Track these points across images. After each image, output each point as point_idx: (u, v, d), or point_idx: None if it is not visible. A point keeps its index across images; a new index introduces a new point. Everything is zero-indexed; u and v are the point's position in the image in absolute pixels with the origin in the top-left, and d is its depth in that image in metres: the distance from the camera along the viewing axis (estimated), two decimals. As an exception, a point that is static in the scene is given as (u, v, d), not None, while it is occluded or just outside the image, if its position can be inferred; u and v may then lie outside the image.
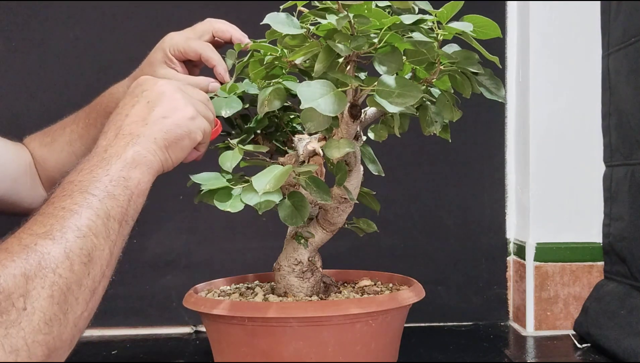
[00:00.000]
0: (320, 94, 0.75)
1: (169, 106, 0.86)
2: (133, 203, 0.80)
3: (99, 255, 0.73)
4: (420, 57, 0.81)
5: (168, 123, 0.85)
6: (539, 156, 1.56)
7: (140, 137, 0.83)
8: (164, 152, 0.85)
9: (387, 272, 1.16)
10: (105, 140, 0.84)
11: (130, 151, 0.81)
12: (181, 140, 0.86)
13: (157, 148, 0.84)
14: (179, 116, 0.86)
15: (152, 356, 1.40)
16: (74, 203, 0.73)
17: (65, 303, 0.68)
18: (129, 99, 0.88)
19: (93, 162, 0.80)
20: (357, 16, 0.76)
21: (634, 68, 1.38)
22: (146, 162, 0.82)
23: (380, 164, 0.96)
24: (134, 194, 0.80)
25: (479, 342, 1.49)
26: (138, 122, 0.84)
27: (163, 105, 0.86)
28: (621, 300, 1.37)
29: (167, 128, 0.85)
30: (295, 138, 1.01)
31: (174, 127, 0.85)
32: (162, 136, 0.84)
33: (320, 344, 0.88)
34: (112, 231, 0.76)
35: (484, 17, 0.79)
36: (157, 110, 0.85)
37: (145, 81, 0.89)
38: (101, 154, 0.81)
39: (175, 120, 0.86)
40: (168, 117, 0.85)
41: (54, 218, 0.71)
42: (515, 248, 1.64)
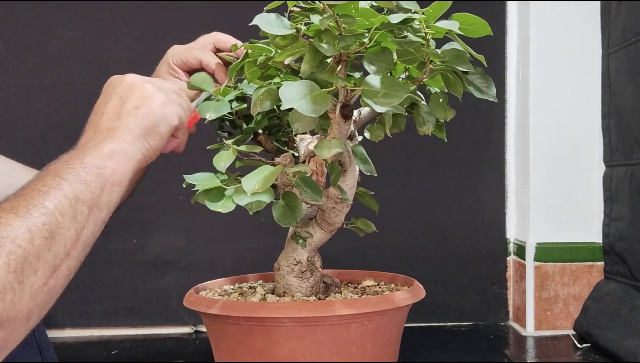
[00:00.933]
0: (303, 94, 0.75)
1: (140, 96, 0.88)
2: (107, 191, 0.81)
3: (64, 233, 0.75)
4: (409, 56, 0.81)
5: (141, 112, 0.87)
6: (539, 156, 1.55)
7: (116, 130, 0.85)
8: (142, 141, 0.87)
9: (390, 272, 1.15)
10: (85, 138, 0.86)
11: (107, 144, 0.83)
12: (157, 126, 0.88)
13: (134, 137, 0.86)
14: (150, 104, 0.88)
15: (152, 356, 1.41)
16: (44, 184, 0.76)
17: (22, 274, 0.69)
18: (102, 99, 0.90)
19: (71, 155, 0.82)
20: (344, 16, 0.76)
21: (634, 68, 1.38)
22: (124, 152, 0.84)
23: (373, 165, 0.96)
24: (108, 182, 0.81)
25: (479, 342, 1.48)
26: (112, 118, 0.86)
27: (134, 96, 0.88)
28: (621, 300, 1.37)
29: (140, 117, 0.87)
30: (297, 138, 1.00)
31: (147, 114, 0.87)
32: (137, 125, 0.86)
33: (315, 344, 0.88)
34: (80, 214, 0.77)
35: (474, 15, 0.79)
36: (128, 102, 0.87)
37: (115, 79, 0.91)
38: (79, 149, 0.83)
39: (148, 108, 0.88)
40: (140, 106, 0.87)
41: (22, 197, 0.74)
42: (515, 248, 1.64)
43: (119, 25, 1.61)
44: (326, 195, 0.93)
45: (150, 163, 1.20)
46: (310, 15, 0.77)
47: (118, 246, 1.62)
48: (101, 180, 0.80)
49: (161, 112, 0.88)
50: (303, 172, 0.88)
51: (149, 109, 0.88)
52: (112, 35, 1.61)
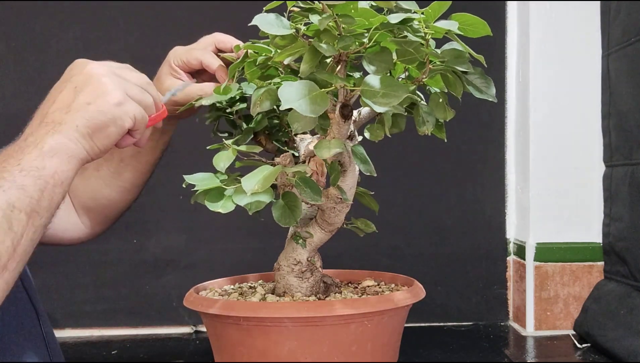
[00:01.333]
0: (302, 95, 0.75)
1: (95, 91, 0.82)
2: (48, 193, 0.77)
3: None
4: (409, 56, 0.81)
5: (91, 110, 0.82)
6: (539, 156, 1.55)
7: (62, 125, 0.80)
8: (87, 140, 0.82)
9: (390, 272, 1.15)
10: (30, 128, 0.82)
11: (49, 139, 0.79)
12: (105, 127, 0.83)
13: (80, 135, 0.81)
14: (103, 102, 0.82)
15: (152, 356, 1.41)
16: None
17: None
18: (58, 84, 0.85)
19: (9, 151, 0.78)
20: (343, 16, 0.76)
21: (634, 68, 1.38)
22: (66, 150, 0.80)
23: (372, 165, 0.96)
24: (48, 184, 0.77)
25: (479, 342, 1.49)
26: (62, 109, 0.82)
27: (88, 90, 0.83)
28: (621, 300, 1.37)
29: (89, 115, 0.81)
30: (297, 138, 1.00)
31: (97, 113, 0.82)
32: (84, 124, 0.81)
33: (315, 344, 0.88)
34: (16, 223, 0.73)
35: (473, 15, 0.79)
36: (81, 95, 0.82)
37: (76, 65, 0.86)
38: (20, 143, 0.79)
39: (99, 106, 0.82)
40: (91, 103, 0.82)
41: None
42: (515, 248, 1.64)
43: (119, 25, 1.61)
44: (326, 195, 0.93)
45: (156, 165, 1.21)
46: (310, 15, 0.77)
47: (118, 246, 1.62)
48: (40, 183, 0.76)
49: (113, 112, 0.83)
50: (303, 172, 0.88)
51: (100, 108, 0.82)
52: (112, 35, 1.61)
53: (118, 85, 0.84)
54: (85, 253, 1.59)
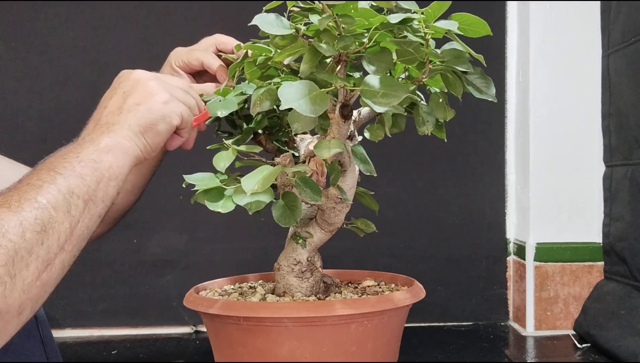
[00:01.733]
0: (302, 94, 0.75)
1: (143, 93, 0.88)
2: (103, 185, 0.81)
3: (57, 227, 0.75)
4: (408, 56, 0.81)
5: (141, 109, 0.87)
6: (539, 156, 1.55)
7: (115, 125, 0.85)
8: (139, 137, 0.86)
9: (390, 272, 1.15)
10: (85, 131, 0.86)
11: (104, 138, 0.83)
12: (156, 124, 0.88)
13: (133, 133, 0.85)
14: (152, 101, 0.87)
15: (152, 356, 1.41)
16: (38, 178, 0.76)
17: (13, 267, 0.69)
18: (108, 92, 0.90)
19: (68, 148, 0.82)
20: (342, 16, 0.76)
21: (634, 68, 1.38)
22: (121, 148, 0.84)
23: (372, 164, 0.96)
24: (104, 176, 0.81)
25: (479, 342, 1.48)
26: (114, 112, 0.86)
27: (137, 92, 0.88)
28: (621, 300, 1.37)
29: (140, 114, 0.86)
30: (297, 138, 1.00)
31: (147, 112, 0.87)
32: (136, 122, 0.86)
33: (315, 344, 0.88)
34: (74, 208, 0.77)
35: (473, 15, 0.79)
36: (130, 98, 0.87)
37: (123, 73, 0.91)
38: (77, 143, 0.83)
39: (149, 105, 0.87)
40: (141, 103, 0.87)
41: (16, 191, 0.74)
42: (515, 248, 1.64)
43: (119, 25, 1.61)
44: (326, 195, 0.93)
45: (158, 168, 1.21)
46: (309, 15, 0.77)
47: (118, 246, 1.62)
48: (97, 174, 0.80)
49: (162, 110, 0.88)
50: (302, 172, 0.88)
51: (149, 107, 0.87)
52: (112, 35, 1.61)
53: (163, 87, 0.89)
54: (85, 253, 1.58)
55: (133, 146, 0.86)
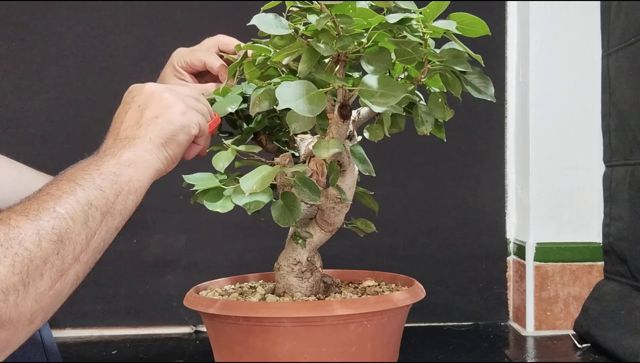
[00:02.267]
0: (299, 95, 0.75)
1: (159, 105, 0.88)
2: (122, 199, 0.81)
3: (73, 238, 0.74)
4: (407, 56, 0.81)
5: (160, 121, 0.86)
6: (539, 156, 1.55)
7: (135, 139, 0.85)
8: (161, 150, 0.86)
9: (391, 272, 1.15)
10: (105, 145, 0.86)
11: (126, 152, 0.83)
12: (176, 135, 0.87)
13: (154, 146, 0.85)
14: (170, 113, 0.87)
15: (152, 356, 1.41)
16: (58, 189, 0.76)
17: (27, 276, 0.69)
18: (122, 107, 0.89)
19: (89, 161, 0.82)
20: (341, 16, 0.76)
21: (634, 68, 1.38)
22: (142, 161, 0.84)
23: (371, 164, 0.96)
24: (123, 190, 0.81)
25: (479, 342, 1.48)
26: (132, 126, 0.86)
27: (153, 105, 0.87)
28: (621, 300, 1.37)
29: (160, 126, 0.86)
30: (297, 138, 1.00)
31: (167, 124, 0.87)
32: (156, 135, 0.86)
33: (314, 344, 0.88)
34: (92, 220, 0.77)
35: (472, 15, 0.79)
36: (147, 111, 0.87)
37: (134, 88, 0.91)
38: (98, 156, 0.83)
39: (167, 117, 0.87)
40: (159, 116, 0.87)
41: (35, 200, 0.74)
42: (515, 248, 1.64)
43: (119, 25, 1.61)
44: (325, 195, 0.93)
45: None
46: (307, 15, 0.77)
47: (118, 246, 1.62)
48: (116, 187, 0.80)
49: (180, 121, 0.88)
50: (302, 172, 0.88)
51: (168, 118, 0.87)
52: (112, 35, 1.61)
53: (178, 97, 0.89)
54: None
55: (155, 159, 0.86)
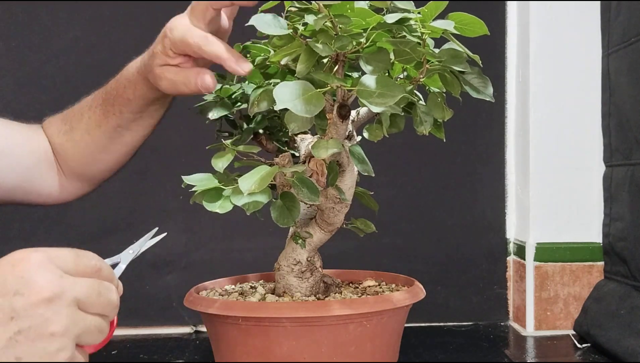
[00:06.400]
0: (296, 95, 0.75)
1: (35, 343, 0.62)
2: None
3: None
4: (406, 56, 0.81)
5: (23, 346, 0.61)
6: (539, 156, 1.55)
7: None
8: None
9: (391, 272, 1.16)
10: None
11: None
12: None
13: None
14: (40, 339, 0.62)
15: (152, 356, 1.41)
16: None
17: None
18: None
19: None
20: (338, 16, 0.76)
21: (634, 68, 1.38)
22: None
23: (370, 165, 0.96)
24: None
25: (479, 342, 1.48)
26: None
27: (30, 336, 0.62)
28: (621, 300, 1.37)
29: (20, 350, 0.62)
30: (297, 138, 1.01)
31: (30, 357, 0.62)
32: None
33: (313, 344, 0.88)
34: None
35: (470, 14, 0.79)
36: (14, 343, 0.61)
37: (30, 273, 0.62)
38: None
39: (34, 345, 0.62)
40: (24, 335, 0.61)
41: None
42: (515, 248, 1.64)
43: (119, 25, 1.61)
44: (324, 195, 0.93)
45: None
46: (305, 16, 0.77)
47: (118, 247, 1.62)
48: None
49: (51, 356, 0.63)
50: (300, 172, 0.88)
51: (33, 349, 0.62)
52: (112, 35, 1.61)
53: (71, 337, 0.64)
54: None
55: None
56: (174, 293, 1.62)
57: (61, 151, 1.11)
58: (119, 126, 1.07)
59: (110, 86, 1.08)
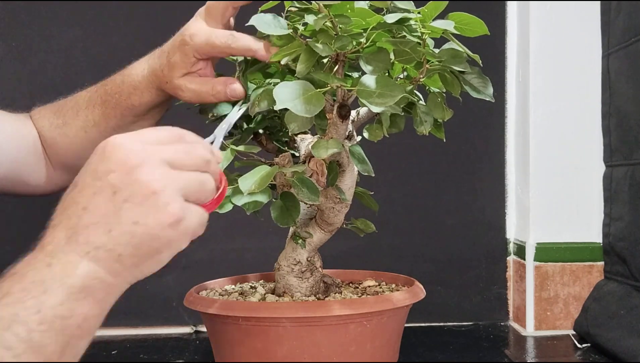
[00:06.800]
0: (296, 95, 0.75)
1: (144, 205, 0.63)
2: (71, 350, 0.60)
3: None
4: (406, 56, 0.81)
5: (140, 232, 0.63)
6: (539, 156, 1.55)
7: (100, 250, 0.62)
8: (131, 271, 0.65)
9: (391, 272, 1.16)
10: (53, 241, 0.63)
11: (82, 270, 0.61)
12: (157, 254, 0.66)
13: (123, 268, 0.64)
14: (155, 223, 0.63)
15: (152, 356, 1.41)
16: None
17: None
18: (90, 180, 0.64)
19: (27, 281, 0.59)
20: (339, 16, 0.76)
21: (634, 68, 1.38)
22: (103, 288, 0.63)
23: (370, 164, 0.96)
24: (73, 337, 0.60)
25: (479, 342, 1.48)
26: (99, 226, 0.62)
27: (135, 200, 0.63)
28: (621, 300, 1.37)
29: (137, 241, 0.63)
30: (297, 138, 1.01)
31: (148, 239, 0.64)
32: (130, 252, 0.63)
33: (313, 344, 0.88)
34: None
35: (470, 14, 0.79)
36: (125, 210, 0.63)
37: (112, 152, 0.65)
38: (41, 269, 0.60)
39: (150, 229, 0.63)
40: (139, 222, 0.63)
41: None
42: (515, 248, 1.64)
43: (119, 25, 1.61)
44: (324, 195, 0.93)
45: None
46: (305, 16, 0.77)
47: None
48: (63, 338, 0.59)
49: (168, 236, 0.65)
50: (300, 172, 0.88)
51: (151, 231, 0.63)
52: (112, 35, 1.61)
53: (173, 188, 0.65)
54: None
55: (120, 284, 0.65)
56: (174, 293, 1.62)
57: (52, 144, 1.10)
58: (118, 126, 1.06)
59: (111, 88, 1.06)
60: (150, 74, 1.01)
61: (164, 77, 0.97)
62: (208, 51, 0.91)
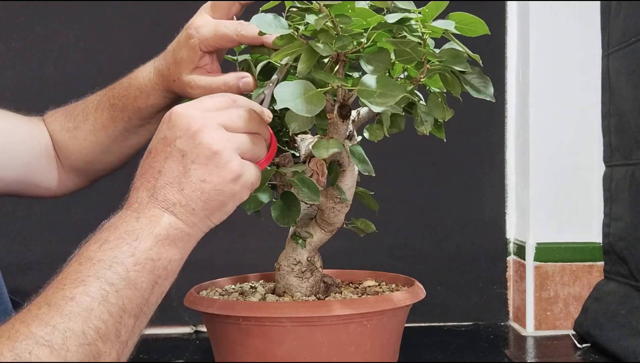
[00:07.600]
0: (297, 94, 0.75)
1: (208, 163, 0.74)
2: (158, 288, 0.73)
3: (103, 359, 0.65)
4: (406, 56, 0.81)
5: (207, 189, 0.74)
6: (539, 156, 1.55)
7: (176, 206, 0.73)
8: (204, 221, 0.76)
9: (391, 272, 1.15)
10: (137, 200, 0.74)
11: (165, 222, 0.72)
12: (223, 206, 0.77)
13: (197, 219, 0.75)
14: (219, 179, 0.74)
15: (152, 356, 1.41)
16: (86, 293, 0.65)
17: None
18: (161, 147, 0.75)
19: (121, 231, 0.71)
20: (339, 16, 0.76)
21: (634, 68, 1.38)
22: (183, 236, 0.74)
23: (371, 164, 0.96)
24: (160, 277, 0.72)
25: (479, 342, 1.48)
26: (173, 185, 0.74)
27: (200, 161, 0.74)
28: (621, 300, 1.37)
29: (206, 196, 0.74)
30: (297, 138, 1.00)
31: (214, 193, 0.75)
32: (201, 206, 0.74)
33: (314, 344, 0.88)
34: (124, 330, 0.68)
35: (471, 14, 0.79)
36: (194, 171, 0.74)
37: (177, 120, 0.75)
38: (131, 222, 0.72)
39: (215, 185, 0.74)
40: (206, 180, 0.74)
41: (59, 315, 0.63)
42: (515, 248, 1.64)
43: (119, 25, 1.61)
44: (325, 195, 0.93)
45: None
46: (306, 16, 0.77)
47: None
48: (153, 278, 0.71)
49: (231, 190, 0.76)
50: (301, 172, 0.88)
51: (217, 186, 0.74)
52: (112, 35, 1.61)
53: (231, 148, 0.75)
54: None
55: (196, 233, 0.76)
56: (174, 293, 1.61)
57: (63, 147, 1.11)
58: (125, 130, 1.07)
59: (118, 92, 1.07)
60: (156, 75, 1.01)
61: (170, 75, 0.98)
62: (216, 42, 0.93)
